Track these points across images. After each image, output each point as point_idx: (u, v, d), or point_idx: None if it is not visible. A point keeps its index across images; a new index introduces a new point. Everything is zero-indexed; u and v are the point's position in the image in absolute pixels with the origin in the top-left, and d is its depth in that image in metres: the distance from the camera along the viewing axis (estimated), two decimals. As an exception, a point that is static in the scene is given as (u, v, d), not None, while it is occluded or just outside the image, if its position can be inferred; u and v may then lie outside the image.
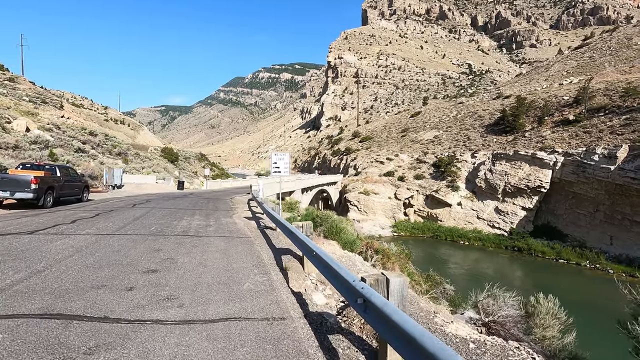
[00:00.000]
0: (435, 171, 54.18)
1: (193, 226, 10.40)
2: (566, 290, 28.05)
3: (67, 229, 8.50)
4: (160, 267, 5.64)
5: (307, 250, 5.07)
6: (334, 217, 9.75)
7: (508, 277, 33.26)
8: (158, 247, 7.23)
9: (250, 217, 13.25)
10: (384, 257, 8.73)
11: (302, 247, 5.55)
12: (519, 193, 43.35)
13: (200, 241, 8.10)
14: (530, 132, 48.46)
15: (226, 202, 21.10)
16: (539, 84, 78.41)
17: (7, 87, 66.42)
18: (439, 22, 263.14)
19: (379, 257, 8.53)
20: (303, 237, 5.38)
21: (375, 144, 74.26)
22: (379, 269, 7.69)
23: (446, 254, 40.73)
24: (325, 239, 8.48)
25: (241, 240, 8.49)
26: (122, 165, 41.12)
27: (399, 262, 9.18)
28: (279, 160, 11.45)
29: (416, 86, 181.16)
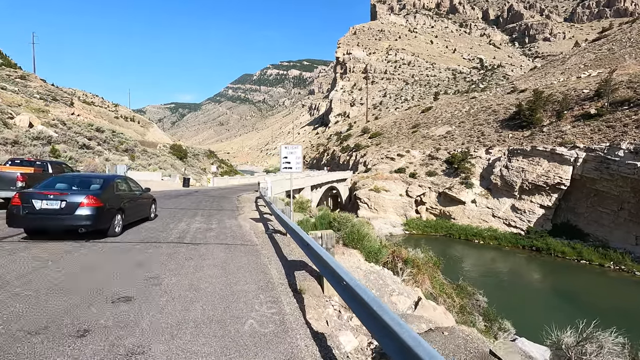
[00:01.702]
0: (448, 168, 52.50)
1: (192, 230, 9.26)
2: (594, 294, 26.51)
3: (42, 237, 7.43)
4: (137, 293, 4.41)
5: (330, 273, 3.79)
6: (353, 220, 8.50)
7: (527, 279, 31.74)
8: (143, 260, 6.06)
9: (258, 219, 12.08)
10: (414, 267, 7.52)
11: (322, 266, 4.31)
12: (537, 190, 41.53)
13: (197, 251, 6.97)
14: (549, 126, 46.49)
15: (232, 200, 20.01)
16: (555, 78, 75.82)
17: (19, 85, 66.62)
18: (450, 16, 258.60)
19: (409, 269, 7.30)
20: (324, 254, 4.16)
21: (385, 140, 72.66)
22: (412, 286, 6.51)
23: (461, 253, 39.24)
24: (345, 247, 7.28)
25: (245, 250, 7.32)
26: (129, 161, 40.41)
27: (428, 271, 7.97)
28: (290, 155, 9.96)
29: (426, 81, 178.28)
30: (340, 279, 3.36)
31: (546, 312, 22.80)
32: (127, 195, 9.82)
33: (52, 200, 7.99)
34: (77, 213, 7.92)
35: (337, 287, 3.52)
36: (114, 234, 8.62)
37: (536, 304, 24.89)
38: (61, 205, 7.96)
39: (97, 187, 8.95)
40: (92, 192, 8.52)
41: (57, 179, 9.27)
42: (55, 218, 7.94)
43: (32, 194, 8.08)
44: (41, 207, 7.92)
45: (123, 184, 10.03)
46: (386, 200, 52.14)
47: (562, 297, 26.64)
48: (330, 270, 3.76)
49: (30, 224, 8.12)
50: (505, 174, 44.24)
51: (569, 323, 19.75)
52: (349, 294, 3.12)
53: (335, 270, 3.57)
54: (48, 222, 8.04)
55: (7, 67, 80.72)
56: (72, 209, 7.93)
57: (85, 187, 8.92)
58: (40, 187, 8.73)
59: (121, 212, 9.10)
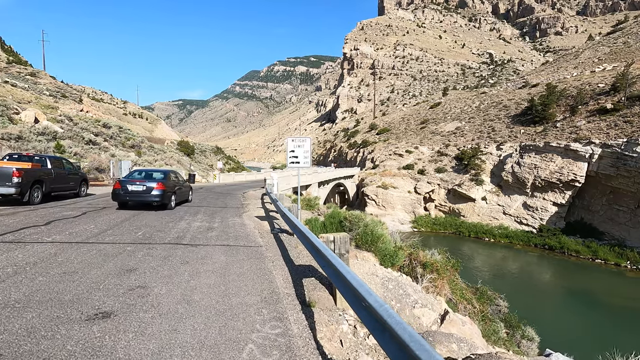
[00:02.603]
0: (457, 164, 51.52)
1: (192, 229, 8.63)
2: (612, 295, 25.57)
3: (31, 235, 6.87)
4: (118, 307, 3.77)
5: (346, 287, 3.04)
6: (366, 219, 7.80)
7: (542, 278, 30.87)
8: (134, 264, 5.45)
9: (263, 217, 11.48)
10: (432, 272, 6.86)
11: (335, 276, 3.59)
12: (550, 187, 40.45)
13: (195, 253, 6.36)
14: (562, 122, 45.23)
15: (237, 197, 19.48)
16: (568, 72, 74.05)
17: (29, 82, 67.23)
18: (459, 10, 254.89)
19: (429, 275, 6.64)
20: (338, 263, 3.45)
21: (393, 136, 71.67)
22: (433, 294, 5.87)
23: (471, 252, 38.40)
24: (357, 250, 6.62)
25: (249, 252, 6.68)
26: (135, 157, 40.15)
27: (447, 275, 7.32)
28: (297, 148, 9.01)
29: (434, 77, 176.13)
30: (359, 296, 2.69)
31: (566, 316, 21.99)
32: (177, 184, 14.33)
33: (138, 185, 12.47)
34: (153, 193, 12.42)
35: (356, 307, 2.82)
36: (171, 207, 13.26)
37: (554, 306, 24.05)
38: (143, 188, 12.43)
39: (162, 177, 13.50)
40: (160, 180, 13.04)
41: (136, 171, 14.08)
42: (140, 196, 12.44)
43: (126, 181, 12.64)
44: (132, 189, 12.43)
45: (174, 176, 14.64)
46: (394, 197, 51.36)
47: (580, 299, 25.77)
48: (345, 284, 3.10)
49: (126, 199, 12.53)
50: (516, 170, 43.19)
51: (593, 330, 18.84)
52: (373, 321, 2.43)
53: (352, 284, 2.90)
54: (136, 198, 12.50)
55: (18, 64, 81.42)
56: (149, 191, 12.43)
57: (154, 177, 13.39)
58: (128, 176, 13.43)
59: (174, 194, 13.69)
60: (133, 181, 12.63)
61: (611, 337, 16.84)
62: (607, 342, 15.06)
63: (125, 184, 12.50)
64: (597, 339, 16.92)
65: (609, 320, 21.59)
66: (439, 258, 7.83)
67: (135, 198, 12.48)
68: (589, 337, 17.59)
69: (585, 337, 17.62)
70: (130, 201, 12.67)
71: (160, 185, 12.57)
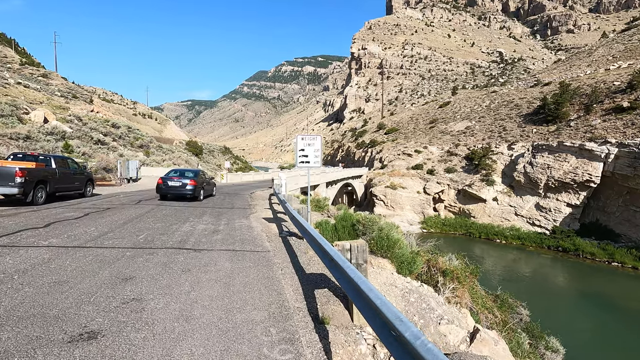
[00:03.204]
0: (467, 164, 50.65)
1: (196, 232, 8.22)
2: (632, 300, 24.67)
3: (27, 238, 6.50)
4: (107, 326, 3.32)
5: (366, 305, 2.51)
6: (381, 222, 7.26)
7: (557, 282, 29.99)
8: (131, 272, 5.01)
9: (271, 219, 11.07)
10: (453, 279, 6.35)
11: (353, 290, 3.13)
12: (564, 188, 39.42)
13: (198, 260, 5.91)
14: (576, 121, 44.13)
15: (245, 197, 19.13)
16: (581, 70, 72.49)
17: (41, 83, 68.15)
18: (468, 9, 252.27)
19: (451, 284, 6.12)
20: (356, 276, 3.03)
21: (402, 136, 70.89)
22: (457, 306, 5.37)
23: (482, 253, 37.59)
24: (372, 255, 6.12)
25: (255, 258, 6.21)
26: (143, 157, 40.16)
27: (467, 282, 6.81)
28: (307, 147, 8.51)
29: (443, 76, 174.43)
30: (382, 316, 2.23)
31: (584, 321, 21.19)
32: (205, 181, 18.01)
33: (176, 181, 15.81)
34: (187, 187, 15.75)
35: (377, 327, 2.35)
36: (200, 200, 16.61)
37: (571, 311, 23.22)
38: (180, 184, 15.75)
39: (193, 175, 16.84)
40: (192, 177, 16.47)
41: (173, 171, 17.31)
42: (177, 190, 15.69)
43: (167, 178, 16.06)
44: (171, 184, 15.73)
45: (203, 175, 18.32)
46: (403, 198, 50.67)
47: (597, 304, 24.88)
48: (364, 300, 2.62)
49: (166, 192, 15.81)
50: (529, 170, 42.22)
51: (614, 337, 18.01)
52: (399, 347, 1.99)
53: (373, 301, 2.44)
54: (173, 192, 15.73)
55: (31, 65, 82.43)
56: (185, 186, 15.77)
57: (188, 175, 16.67)
58: (168, 175, 16.59)
59: (203, 189, 17.12)
60: (172, 178, 16.15)
61: (634, 345, 16.12)
62: (631, 351, 14.35)
63: (166, 180, 16.00)
64: (619, 348, 16.20)
65: (629, 327, 20.76)
66: (457, 264, 7.30)
67: (173, 191, 15.82)
68: (611, 345, 16.86)
69: (606, 345, 16.89)
70: (169, 194, 15.94)
71: (192, 181, 16.09)
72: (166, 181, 15.82)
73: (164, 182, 15.87)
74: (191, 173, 16.94)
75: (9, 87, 49.80)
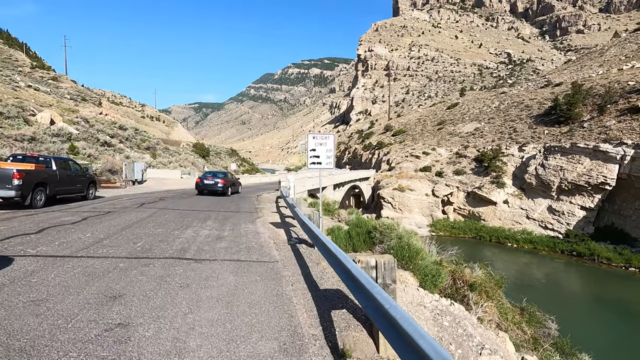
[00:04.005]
0: (477, 166, 49.75)
1: (199, 239, 7.66)
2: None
3: (16, 246, 5.99)
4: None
5: (401, 340, 2.00)
6: (399, 229, 6.64)
7: (571, 287, 29.08)
8: (121, 288, 4.42)
9: (278, 224, 10.54)
10: (481, 293, 5.72)
11: (383, 319, 2.59)
12: (578, 190, 38.39)
13: (199, 272, 5.35)
14: (590, 122, 43.09)
15: (251, 200, 18.65)
16: (593, 71, 71.17)
17: (51, 86, 68.94)
18: (475, 10, 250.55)
19: (481, 300, 5.50)
20: (387, 303, 2.49)
21: (409, 138, 70.14)
22: (492, 327, 4.78)
23: (493, 257, 36.69)
24: None
25: (263, 270, 5.61)
26: (150, 159, 40.02)
27: (493, 294, 6.19)
28: (319, 146, 7.72)
29: (451, 77, 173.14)
30: (423, 356, 1.72)
31: (612, 334, 20.25)
32: (232, 180, 22.48)
33: (210, 180, 20.23)
34: (218, 185, 20.04)
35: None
36: (228, 195, 20.60)
37: (594, 322, 22.20)
38: (213, 182, 20.11)
39: (223, 176, 21.20)
40: (222, 177, 20.88)
41: (208, 172, 22.88)
42: (211, 187, 20.04)
43: (203, 178, 20.70)
44: (206, 182, 20.11)
45: (230, 176, 22.99)
46: (411, 200, 49.92)
47: (620, 312, 23.90)
48: (396, 329, 2.07)
49: (203, 189, 20.14)
50: (541, 172, 41.25)
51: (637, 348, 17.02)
52: None
53: (407, 331, 1.89)
54: (208, 188, 20.04)
55: (41, 69, 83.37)
56: (217, 184, 20.04)
57: (219, 176, 21.11)
58: (204, 175, 21.42)
59: (230, 187, 21.27)
60: (207, 178, 20.75)
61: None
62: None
63: (203, 179, 20.68)
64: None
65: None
66: (479, 273, 6.68)
67: (208, 188, 20.16)
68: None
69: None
70: (205, 190, 20.28)
71: (223, 180, 20.57)
72: (203, 180, 20.46)
73: (201, 180, 20.47)
74: (222, 174, 21.70)
75: (20, 90, 50.18)
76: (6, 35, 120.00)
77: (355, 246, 6.45)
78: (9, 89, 46.29)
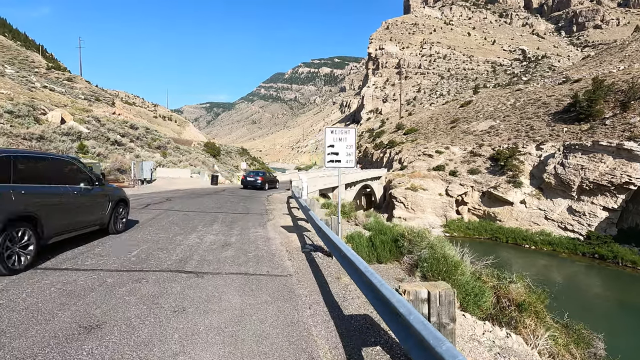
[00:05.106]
0: (492, 165, 48.32)
1: (203, 246, 6.91)
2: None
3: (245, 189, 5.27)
4: None
5: None
6: (430, 237, 5.77)
7: (596, 293, 27.71)
8: (102, 313, 3.64)
9: (290, 227, 9.80)
10: (530, 314, 4.83)
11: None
12: (600, 190, 36.82)
13: (199, 290, 4.53)
14: (613, 119, 41.35)
15: (261, 201, 17.98)
16: (614, 66, 68.77)
17: (66, 86, 69.93)
18: (488, 6, 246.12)
19: (537, 326, 4.61)
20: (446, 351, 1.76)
21: (422, 136, 68.79)
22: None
23: (511, 259, 35.43)
24: (425, 283, 4.61)
25: (274, 287, 4.79)
26: (160, 158, 39.81)
27: (543, 314, 5.31)
28: (338, 142, 6.68)
29: (463, 75, 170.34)
30: None
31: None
32: (269, 178, 29.37)
33: (252, 178, 27.59)
34: (258, 181, 27.15)
35: None
36: (265, 189, 26.90)
37: (628, 332, 20.87)
38: (254, 179, 27.38)
39: (262, 174, 28.53)
40: (261, 175, 28.22)
41: (250, 171, 30.37)
42: (252, 183, 27.06)
43: (247, 176, 28.24)
44: (249, 179, 27.46)
45: (268, 174, 30.63)
46: (424, 200, 48.80)
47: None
48: None
49: (247, 184, 27.14)
50: (560, 172, 39.72)
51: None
52: None
53: None
54: (250, 184, 26.98)
55: (57, 70, 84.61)
56: (256, 180, 27.24)
57: (258, 174, 28.30)
58: (248, 174, 28.57)
59: (267, 183, 27.61)
60: (250, 175, 27.79)
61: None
62: None
63: (247, 177, 27.76)
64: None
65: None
66: (519, 286, 5.74)
67: (250, 184, 26.71)
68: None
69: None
70: (248, 185, 26.97)
71: (261, 178, 27.41)
72: (247, 177, 27.94)
73: (245, 177, 28.06)
74: (261, 173, 28.73)
75: (36, 90, 50.66)
76: (23, 38, 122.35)
77: (380, 256, 5.65)
78: (25, 89, 46.69)
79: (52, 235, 5.83)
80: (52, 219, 5.79)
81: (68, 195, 6.38)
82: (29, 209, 5.24)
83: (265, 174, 28.51)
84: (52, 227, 5.81)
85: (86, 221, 6.90)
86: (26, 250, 5.13)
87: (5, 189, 4.95)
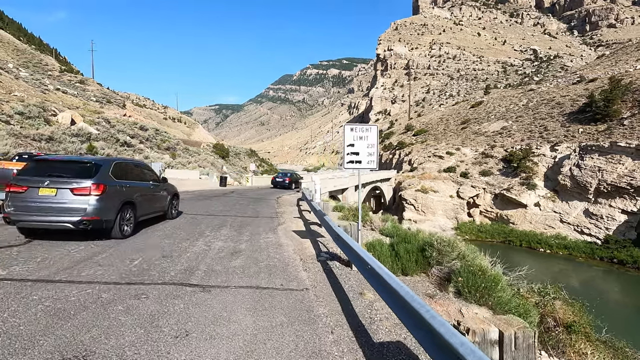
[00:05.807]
0: (505, 167, 47.31)
1: (210, 254, 6.43)
2: None
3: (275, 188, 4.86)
4: None
5: None
6: (460, 246, 5.14)
7: (618, 299, 26.70)
8: (90, 340, 3.10)
9: (303, 232, 9.29)
10: (580, 338, 4.21)
11: None
12: (618, 193, 35.69)
13: (205, 308, 4.02)
14: (631, 119, 40.13)
15: (271, 203, 17.52)
16: (630, 65, 67.09)
17: (78, 89, 70.88)
18: (499, 6, 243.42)
19: (589, 351, 4.04)
20: None
21: (432, 138, 67.87)
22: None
23: (525, 264, 34.38)
24: (459, 300, 3.97)
25: (290, 305, 4.25)
26: (169, 159, 39.72)
27: (591, 335, 4.67)
28: (358, 141, 6.23)
29: (473, 76, 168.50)
30: None
31: None
32: (296, 178, 34.05)
33: (281, 178, 33.21)
34: (285, 181, 32.35)
35: None
36: (292, 188, 31.38)
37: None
38: (282, 180, 32.81)
39: (289, 175, 34.60)
40: (289, 176, 33.93)
41: (279, 172, 39.72)
42: (281, 183, 32.30)
43: (277, 176, 34.48)
44: (278, 180, 32.90)
45: (295, 174, 35.82)
46: (434, 202, 47.95)
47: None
48: None
49: (275, 184, 32.52)
50: (576, 173, 38.64)
51: None
52: None
53: None
54: (279, 184, 32.30)
55: (70, 73, 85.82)
56: (284, 180, 32.57)
57: (286, 175, 34.64)
58: (277, 175, 35.44)
59: (294, 183, 32.30)
60: (279, 176, 33.39)
61: None
62: None
63: (276, 178, 33.01)
64: None
65: None
66: (560, 304, 5.10)
67: (279, 184, 31.30)
68: None
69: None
70: (277, 185, 31.62)
71: (288, 179, 32.15)
72: (276, 178, 33.08)
73: (275, 178, 33.21)
74: (288, 174, 34.26)
75: (49, 92, 51.18)
76: (38, 41, 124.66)
77: (405, 267, 5.06)
78: (38, 91, 47.16)
79: (141, 215, 8.46)
80: (141, 205, 8.41)
81: (148, 189, 8.95)
82: (131, 198, 7.82)
83: (292, 175, 33.91)
84: (142, 210, 8.43)
85: (157, 207, 9.69)
86: (129, 224, 7.67)
87: (122, 184, 7.57)
